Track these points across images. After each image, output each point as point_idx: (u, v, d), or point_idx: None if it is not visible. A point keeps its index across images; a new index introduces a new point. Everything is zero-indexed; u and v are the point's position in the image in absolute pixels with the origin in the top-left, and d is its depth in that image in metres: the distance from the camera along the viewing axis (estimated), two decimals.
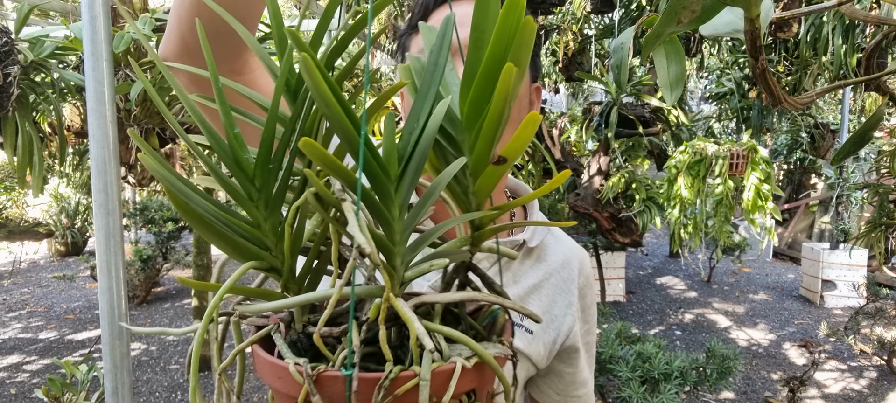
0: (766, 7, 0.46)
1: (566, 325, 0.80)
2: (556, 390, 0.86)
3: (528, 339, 0.76)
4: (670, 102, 0.67)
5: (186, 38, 0.60)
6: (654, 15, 0.53)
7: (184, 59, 0.62)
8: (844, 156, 0.71)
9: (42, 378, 3.89)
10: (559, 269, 0.82)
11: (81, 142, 2.74)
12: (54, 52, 1.59)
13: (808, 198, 7.81)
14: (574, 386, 0.85)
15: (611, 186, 3.54)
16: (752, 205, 2.90)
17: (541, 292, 0.79)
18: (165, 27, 0.65)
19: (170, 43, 0.62)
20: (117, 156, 1.10)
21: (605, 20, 4.51)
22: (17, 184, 1.81)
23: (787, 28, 2.76)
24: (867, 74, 0.61)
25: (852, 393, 3.68)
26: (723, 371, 2.43)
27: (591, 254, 5.55)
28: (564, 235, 0.88)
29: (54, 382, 1.84)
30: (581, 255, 0.86)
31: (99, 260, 1.10)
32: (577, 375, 0.84)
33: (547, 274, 0.80)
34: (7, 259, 8.05)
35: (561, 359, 0.83)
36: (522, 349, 0.76)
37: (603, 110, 3.50)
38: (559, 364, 0.83)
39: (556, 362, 0.83)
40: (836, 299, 5.59)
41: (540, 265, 0.81)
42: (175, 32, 0.62)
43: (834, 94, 6.48)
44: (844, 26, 3.01)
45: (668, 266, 7.63)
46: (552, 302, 0.80)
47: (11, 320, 5.30)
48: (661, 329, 5.01)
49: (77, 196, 7.75)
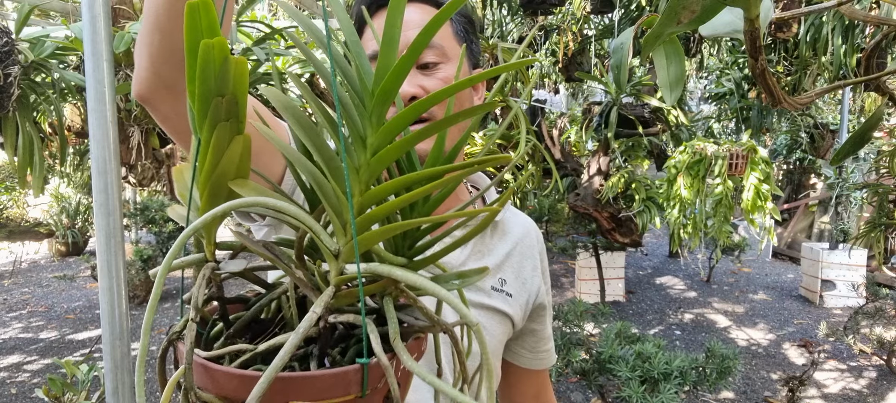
0: (765, 7, 0.46)
1: (535, 286, 0.92)
2: (527, 347, 0.98)
3: (509, 302, 0.87)
4: (670, 102, 0.67)
5: (161, 71, 0.59)
6: (654, 15, 0.53)
7: (161, 93, 0.60)
8: (844, 156, 0.71)
9: (42, 377, 3.90)
10: (522, 238, 0.93)
11: (82, 142, 2.75)
12: (55, 52, 1.59)
13: (807, 198, 7.81)
14: (543, 341, 0.98)
15: (611, 186, 3.54)
16: (752, 205, 2.90)
17: (511, 259, 0.90)
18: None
19: (144, 80, 0.60)
20: (118, 156, 1.10)
21: (604, 20, 4.52)
22: (18, 184, 1.81)
23: (787, 28, 2.77)
24: (867, 74, 0.61)
25: (852, 393, 3.68)
26: (722, 370, 2.43)
27: (591, 254, 5.55)
28: (515, 209, 1.00)
29: (55, 382, 1.84)
30: (533, 224, 0.98)
31: (99, 260, 1.10)
32: (545, 331, 0.97)
33: (514, 244, 0.91)
34: (8, 259, 8.05)
35: (532, 318, 0.94)
36: (506, 311, 0.86)
37: (603, 110, 3.50)
38: (531, 323, 0.95)
39: (528, 322, 0.94)
40: (835, 299, 5.59)
41: (506, 237, 0.91)
42: (147, 69, 0.60)
43: (833, 94, 6.48)
44: (844, 26, 3.01)
45: (668, 266, 7.63)
46: (521, 267, 0.91)
47: (12, 320, 5.30)
48: (661, 328, 5.01)
49: (77, 196, 7.76)
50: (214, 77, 0.33)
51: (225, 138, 0.35)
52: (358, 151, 0.35)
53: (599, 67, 4.34)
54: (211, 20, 0.33)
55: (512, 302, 0.87)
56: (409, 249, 0.40)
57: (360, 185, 0.35)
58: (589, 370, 2.49)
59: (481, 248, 0.87)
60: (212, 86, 0.33)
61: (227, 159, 0.35)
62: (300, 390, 0.31)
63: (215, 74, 0.33)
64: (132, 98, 1.68)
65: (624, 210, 3.64)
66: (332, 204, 0.35)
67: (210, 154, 0.35)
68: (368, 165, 0.34)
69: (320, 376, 0.32)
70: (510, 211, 0.97)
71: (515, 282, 0.89)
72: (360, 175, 0.35)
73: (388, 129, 0.33)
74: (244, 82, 0.34)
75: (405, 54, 0.31)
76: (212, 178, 0.36)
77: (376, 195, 0.34)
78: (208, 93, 0.33)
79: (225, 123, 0.34)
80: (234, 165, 0.36)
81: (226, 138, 0.35)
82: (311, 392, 0.31)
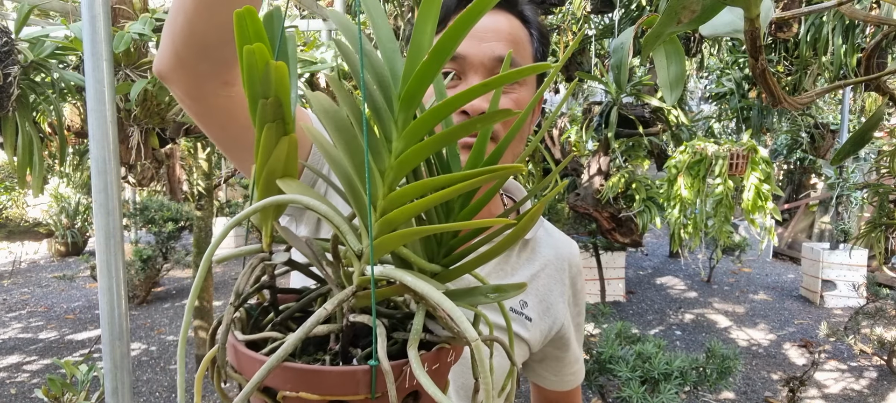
0: (766, 7, 0.46)
1: (560, 315, 0.87)
2: (551, 371, 0.94)
3: (527, 325, 0.83)
4: (670, 102, 0.67)
5: (180, 52, 0.62)
6: (654, 15, 0.53)
7: (178, 73, 0.64)
8: (844, 156, 0.71)
9: (42, 378, 3.90)
10: (552, 261, 0.88)
11: (81, 142, 2.74)
12: (54, 52, 1.59)
13: (808, 198, 7.81)
14: (567, 365, 0.94)
15: (611, 186, 3.54)
16: (752, 205, 2.90)
17: (537, 282, 0.85)
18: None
19: (164, 58, 0.64)
20: (117, 156, 1.10)
21: (605, 20, 4.51)
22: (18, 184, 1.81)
23: (787, 28, 2.76)
24: (867, 74, 0.61)
25: (852, 393, 3.68)
26: (723, 371, 2.43)
27: (591, 254, 5.55)
28: (554, 229, 0.94)
29: (54, 382, 1.84)
30: (571, 247, 0.93)
31: (99, 260, 1.10)
32: (568, 356, 0.93)
33: (542, 266, 0.86)
34: (7, 259, 8.06)
35: (554, 345, 0.90)
36: (522, 335, 0.82)
37: (603, 110, 3.50)
38: (552, 349, 0.90)
39: (549, 347, 0.90)
40: (836, 299, 5.59)
41: (535, 257, 0.87)
42: (169, 48, 0.63)
43: (834, 94, 6.48)
44: (844, 26, 3.01)
45: (668, 266, 7.63)
46: (548, 291, 0.86)
47: (11, 320, 5.30)
48: (661, 329, 5.00)
49: (77, 196, 7.75)
50: (259, 80, 0.35)
51: (273, 138, 0.37)
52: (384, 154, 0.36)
53: (599, 67, 4.33)
54: (257, 27, 0.35)
55: (530, 326, 0.83)
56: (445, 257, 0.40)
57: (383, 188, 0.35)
58: (589, 370, 2.49)
59: (505, 267, 0.83)
60: (257, 89, 0.36)
61: (274, 158, 0.38)
62: (309, 383, 0.33)
63: (259, 78, 0.35)
64: (130, 99, 1.68)
65: (624, 210, 3.63)
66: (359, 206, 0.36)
67: (260, 153, 0.38)
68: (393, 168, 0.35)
69: (327, 372, 0.33)
70: (545, 229, 0.92)
71: (538, 307, 0.84)
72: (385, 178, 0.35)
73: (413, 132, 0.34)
74: (285, 85, 0.36)
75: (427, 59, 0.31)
76: (262, 175, 0.38)
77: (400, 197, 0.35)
78: (255, 95, 0.36)
79: (272, 124, 0.37)
80: (282, 164, 0.38)
81: (273, 138, 0.37)
82: (319, 387, 0.33)
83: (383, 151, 0.36)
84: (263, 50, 0.34)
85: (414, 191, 0.34)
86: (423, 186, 0.34)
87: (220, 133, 0.71)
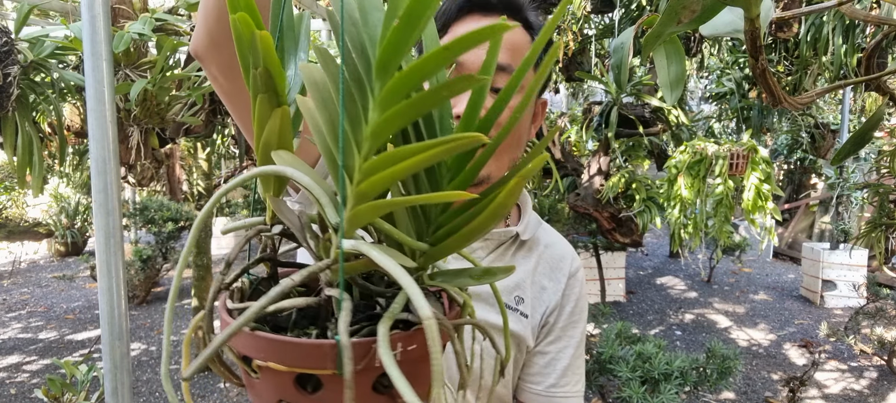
0: (766, 7, 0.46)
1: (552, 299, 0.85)
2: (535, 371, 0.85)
3: (523, 322, 0.82)
4: (670, 102, 0.67)
5: (213, 32, 0.65)
6: (654, 15, 0.53)
7: (212, 53, 0.67)
8: (845, 156, 0.71)
9: (42, 378, 3.89)
10: (546, 251, 0.88)
11: (81, 142, 2.74)
12: (54, 52, 1.59)
13: (808, 198, 7.81)
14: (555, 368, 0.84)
15: (611, 186, 3.54)
16: (753, 205, 2.90)
17: (535, 276, 0.85)
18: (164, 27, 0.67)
19: (199, 38, 0.67)
20: (117, 156, 1.10)
21: (605, 20, 4.51)
22: (17, 184, 1.81)
23: (787, 28, 2.76)
24: (867, 74, 0.61)
25: (852, 393, 3.67)
26: (723, 371, 2.43)
27: (591, 254, 5.55)
28: (558, 235, 0.93)
29: (54, 382, 1.84)
30: (572, 253, 0.91)
31: (99, 260, 1.10)
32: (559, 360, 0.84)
33: (537, 261, 0.86)
34: (7, 259, 8.06)
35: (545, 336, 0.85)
36: (519, 332, 0.81)
37: (603, 110, 3.50)
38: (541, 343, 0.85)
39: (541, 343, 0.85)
40: (836, 299, 5.59)
41: (531, 255, 0.87)
42: (202, 28, 0.66)
43: (834, 94, 6.48)
44: (844, 26, 3.01)
45: (669, 266, 7.63)
46: (543, 288, 0.86)
47: (11, 320, 5.30)
48: (662, 329, 5.00)
49: (77, 196, 7.75)
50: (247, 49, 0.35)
51: (266, 109, 0.37)
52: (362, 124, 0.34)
53: (600, 67, 4.33)
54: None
55: (526, 323, 0.82)
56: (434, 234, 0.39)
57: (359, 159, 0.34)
58: (589, 370, 2.49)
59: (501, 263, 0.82)
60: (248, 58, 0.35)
61: (268, 130, 0.37)
62: (276, 353, 0.33)
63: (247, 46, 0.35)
64: (129, 98, 1.68)
65: (624, 210, 3.63)
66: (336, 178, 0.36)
67: (256, 124, 0.37)
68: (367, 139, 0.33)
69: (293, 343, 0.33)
70: (544, 230, 0.91)
71: (533, 301, 0.83)
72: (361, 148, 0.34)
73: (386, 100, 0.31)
74: (271, 54, 0.35)
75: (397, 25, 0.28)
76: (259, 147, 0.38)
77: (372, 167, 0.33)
78: (246, 65, 0.36)
79: (264, 95, 0.36)
80: (276, 136, 0.38)
81: (267, 109, 0.37)
82: (285, 358, 0.33)
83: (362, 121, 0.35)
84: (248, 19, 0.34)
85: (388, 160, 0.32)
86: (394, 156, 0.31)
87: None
